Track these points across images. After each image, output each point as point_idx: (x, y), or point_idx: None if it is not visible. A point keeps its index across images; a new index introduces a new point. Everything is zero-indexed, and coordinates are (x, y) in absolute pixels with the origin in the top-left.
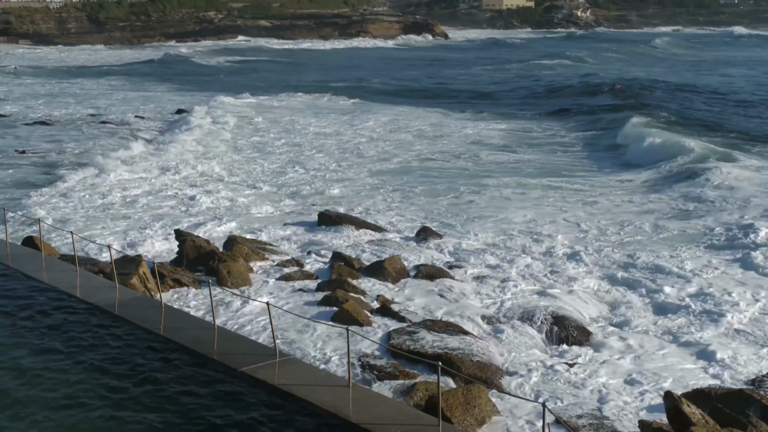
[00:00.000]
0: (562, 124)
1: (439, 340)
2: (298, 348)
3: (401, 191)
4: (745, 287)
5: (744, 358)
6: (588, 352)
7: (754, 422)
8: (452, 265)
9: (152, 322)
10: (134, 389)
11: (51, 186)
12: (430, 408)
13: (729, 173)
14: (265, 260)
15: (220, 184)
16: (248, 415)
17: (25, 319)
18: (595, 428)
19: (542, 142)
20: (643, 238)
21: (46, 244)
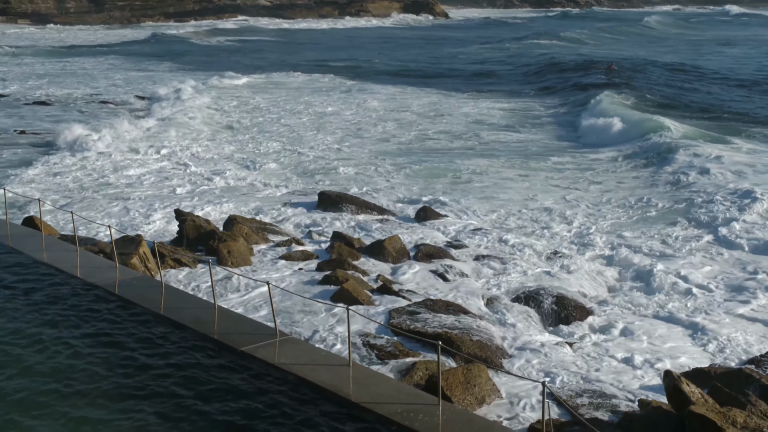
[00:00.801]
0: (557, 101)
1: (440, 320)
2: (298, 327)
3: (402, 171)
4: (737, 266)
5: (743, 337)
6: (588, 331)
7: (753, 401)
8: (452, 244)
9: (152, 302)
10: (134, 369)
11: (48, 165)
12: (430, 387)
13: (709, 154)
14: (266, 240)
15: (220, 163)
16: (248, 394)
17: (26, 298)
18: (595, 407)
19: (545, 122)
20: (629, 219)
21: (46, 224)
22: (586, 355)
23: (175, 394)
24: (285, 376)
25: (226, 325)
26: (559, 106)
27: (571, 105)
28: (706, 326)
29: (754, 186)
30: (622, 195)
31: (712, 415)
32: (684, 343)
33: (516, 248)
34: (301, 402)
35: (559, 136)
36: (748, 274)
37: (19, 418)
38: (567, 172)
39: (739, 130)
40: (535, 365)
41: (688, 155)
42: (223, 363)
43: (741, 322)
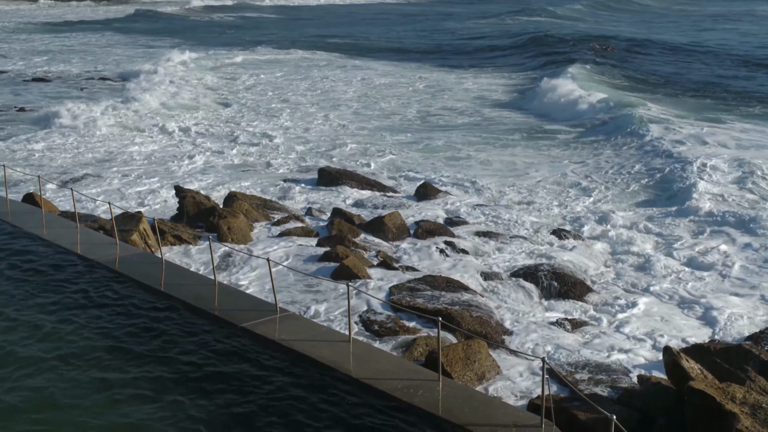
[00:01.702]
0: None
1: (440, 296)
2: (299, 304)
3: (402, 147)
4: (732, 243)
5: (743, 313)
6: (587, 308)
7: (752, 377)
8: (452, 221)
9: (153, 279)
10: (134, 344)
11: (47, 142)
12: (430, 363)
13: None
14: (266, 216)
15: (220, 140)
16: (248, 370)
17: (27, 275)
18: (594, 383)
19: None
20: (618, 196)
21: (46, 200)
22: (585, 332)
23: (175, 371)
24: (285, 352)
25: (227, 302)
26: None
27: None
28: (705, 302)
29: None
30: (607, 170)
31: (711, 390)
32: (683, 319)
33: (516, 225)
34: (301, 378)
35: (545, 113)
36: (744, 251)
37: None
38: (555, 149)
39: (717, 107)
40: (534, 341)
41: (660, 133)
42: (223, 339)
43: (740, 299)
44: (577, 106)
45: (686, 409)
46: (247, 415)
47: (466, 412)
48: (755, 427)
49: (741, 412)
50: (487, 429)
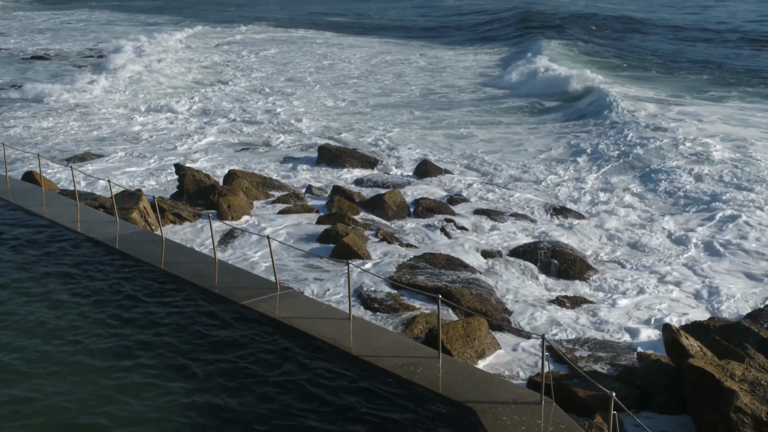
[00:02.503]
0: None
1: (439, 274)
2: (299, 281)
3: (402, 125)
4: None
5: (742, 291)
6: (587, 286)
7: (751, 354)
8: (453, 198)
9: (153, 256)
10: (135, 322)
11: (44, 119)
12: (430, 340)
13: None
14: (266, 194)
15: (220, 117)
16: (248, 347)
17: (27, 253)
18: (594, 360)
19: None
20: (605, 175)
21: (46, 178)
22: (585, 310)
23: (175, 348)
24: (285, 329)
25: (227, 279)
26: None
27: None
28: (704, 281)
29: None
30: (593, 150)
31: (710, 367)
32: (682, 297)
33: (517, 202)
34: (301, 355)
35: (539, 92)
36: (739, 229)
37: (18, 369)
38: (548, 126)
39: (688, 87)
40: (534, 319)
41: (628, 110)
42: (223, 317)
43: (739, 277)
44: (568, 86)
45: (685, 386)
46: (244, 392)
47: (465, 389)
48: (754, 404)
49: (740, 389)
50: (486, 406)
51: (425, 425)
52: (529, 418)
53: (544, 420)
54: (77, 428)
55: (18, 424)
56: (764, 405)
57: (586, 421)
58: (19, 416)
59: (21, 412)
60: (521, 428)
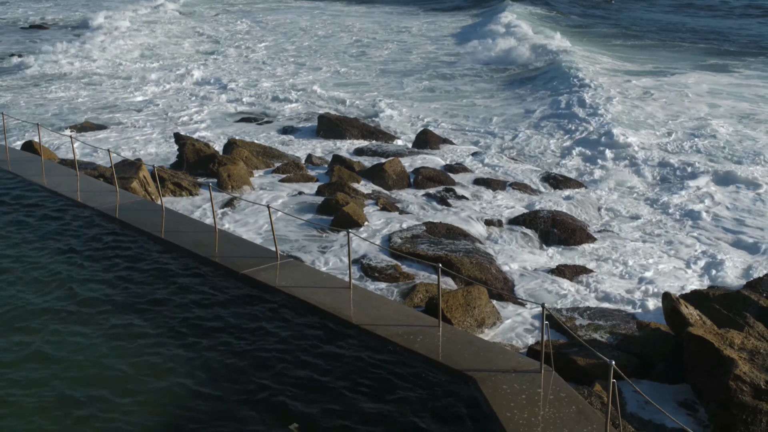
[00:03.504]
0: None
1: (439, 242)
2: (299, 250)
3: (403, 93)
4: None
5: (741, 260)
6: (587, 255)
7: (751, 322)
8: (453, 168)
9: (153, 226)
10: (136, 291)
11: (42, 88)
12: (430, 309)
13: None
14: (266, 164)
15: (219, 86)
16: (248, 316)
17: (27, 223)
18: (594, 329)
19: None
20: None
21: (46, 148)
22: (584, 279)
23: (174, 317)
24: (286, 298)
25: (227, 249)
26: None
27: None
28: (703, 250)
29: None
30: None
31: (709, 336)
32: (682, 266)
33: (517, 171)
34: (301, 324)
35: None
36: (734, 199)
37: (19, 337)
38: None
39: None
40: (534, 287)
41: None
42: (224, 286)
43: (739, 246)
44: (540, 55)
45: (685, 355)
46: (245, 361)
47: (465, 357)
48: (753, 373)
49: (739, 357)
50: (486, 374)
51: (425, 394)
52: (528, 387)
53: (544, 388)
54: (78, 390)
55: (17, 374)
56: (763, 373)
57: (585, 389)
58: (20, 368)
59: (22, 367)
60: (521, 396)
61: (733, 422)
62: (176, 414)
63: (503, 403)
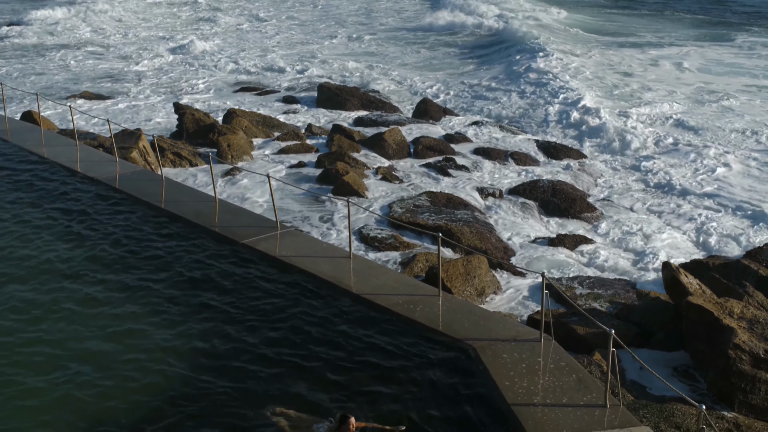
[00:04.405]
0: None
1: (440, 212)
2: (299, 220)
3: (403, 63)
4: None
5: (740, 229)
6: (587, 225)
7: (750, 292)
8: (453, 138)
9: (153, 196)
10: (136, 261)
11: (40, 57)
12: (430, 278)
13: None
14: (266, 133)
15: (218, 56)
16: (248, 286)
17: (27, 192)
18: (594, 298)
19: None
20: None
21: (45, 118)
22: (584, 248)
23: (173, 285)
24: (286, 268)
25: (227, 219)
26: None
27: None
28: (702, 220)
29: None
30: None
31: (709, 305)
32: (682, 236)
33: (517, 142)
34: (301, 294)
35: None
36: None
37: (20, 295)
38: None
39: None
40: (534, 257)
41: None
42: (224, 255)
43: (736, 215)
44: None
45: (684, 324)
46: (243, 329)
47: (465, 326)
48: (752, 341)
49: (738, 326)
50: (486, 343)
51: (425, 363)
52: (528, 356)
53: (544, 357)
54: (79, 355)
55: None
56: (762, 342)
57: (585, 358)
58: (21, 341)
59: (23, 337)
60: (521, 365)
61: (732, 390)
62: (174, 382)
63: (503, 371)
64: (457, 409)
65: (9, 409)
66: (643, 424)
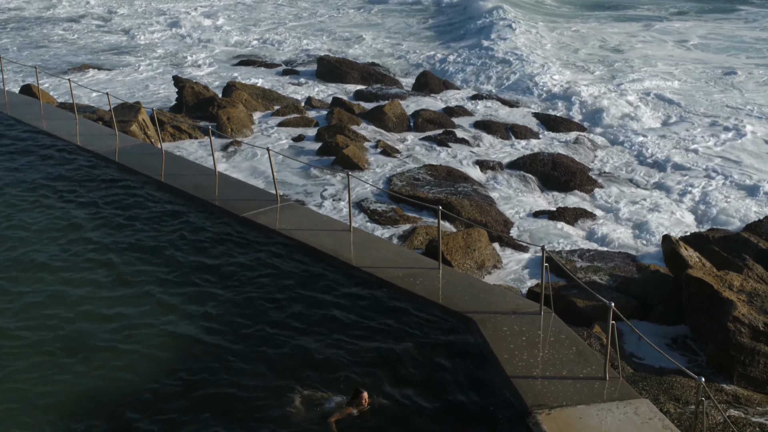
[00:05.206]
0: None
1: (439, 185)
2: (299, 193)
3: (402, 35)
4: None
5: (741, 203)
6: (587, 198)
7: (750, 264)
8: (453, 111)
9: (153, 169)
10: (136, 233)
11: (40, 30)
12: (430, 251)
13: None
14: (265, 106)
15: (216, 30)
16: (249, 258)
17: (26, 166)
18: (593, 271)
19: None
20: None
21: (44, 91)
22: (584, 221)
23: (173, 258)
24: (286, 241)
25: (227, 192)
26: None
27: None
28: (703, 194)
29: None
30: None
31: (709, 278)
32: (682, 209)
33: (517, 113)
34: (301, 266)
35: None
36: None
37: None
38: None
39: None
40: (534, 230)
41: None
42: (224, 228)
43: (736, 188)
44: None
45: (684, 297)
46: (245, 303)
47: (465, 299)
48: (752, 314)
49: (738, 299)
50: (486, 316)
51: (425, 335)
52: (528, 328)
53: (544, 330)
54: (76, 327)
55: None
56: (761, 315)
57: (584, 330)
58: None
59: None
60: (521, 338)
61: (731, 363)
62: (179, 352)
63: (503, 344)
64: (457, 381)
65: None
66: (643, 396)
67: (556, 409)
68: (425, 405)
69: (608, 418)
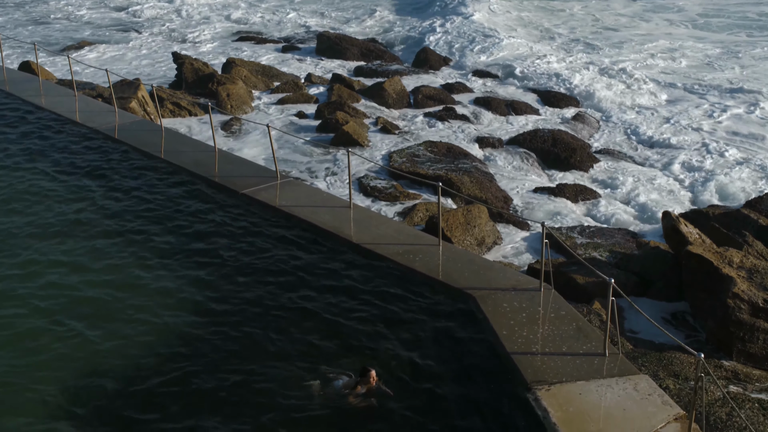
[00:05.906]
0: None
1: (440, 161)
2: (299, 170)
3: (401, 10)
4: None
5: (741, 179)
6: (587, 175)
7: (750, 241)
8: (453, 87)
9: (153, 146)
10: (137, 210)
11: (37, 6)
12: (430, 228)
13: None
14: (265, 83)
15: (217, 6)
16: (249, 233)
17: (26, 143)
18: (593, 247)
19: None
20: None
21: (43, 68)
22: (585, 198)
23: (173, 233)
24: (286, 217)
25: (227, 168)
26: None
27: None
28: (704, 170)
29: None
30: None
31: (709, 254)
32: (682, 185)
33: (517, 90)
34: (302, 243)
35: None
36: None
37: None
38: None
39: None
40: (534, 207)
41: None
42: (224, 204)
43: (738, 167)
44: None
45: (684, 273)
46: (246, 279)
47: (466, 276)
48: (751, 291)
49: (738, 275)
50: (486, 293)
51: (425, 312)
52: (528, 305)
53: (544, 306)
54: (80, 305)
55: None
56: (761, 291)
57: (584, 307)
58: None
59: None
60: (521, 315)
61: (731, 339)
62: (174, 334)
63: (503, 320)
64: (457, 358)
65: (7, 358)
66: (642, 372)
67: (555, 385)
68: (424, 385)
69: (608, 394)
